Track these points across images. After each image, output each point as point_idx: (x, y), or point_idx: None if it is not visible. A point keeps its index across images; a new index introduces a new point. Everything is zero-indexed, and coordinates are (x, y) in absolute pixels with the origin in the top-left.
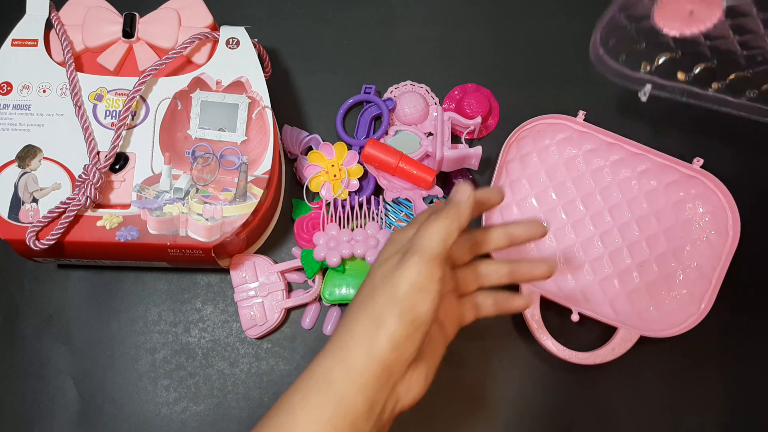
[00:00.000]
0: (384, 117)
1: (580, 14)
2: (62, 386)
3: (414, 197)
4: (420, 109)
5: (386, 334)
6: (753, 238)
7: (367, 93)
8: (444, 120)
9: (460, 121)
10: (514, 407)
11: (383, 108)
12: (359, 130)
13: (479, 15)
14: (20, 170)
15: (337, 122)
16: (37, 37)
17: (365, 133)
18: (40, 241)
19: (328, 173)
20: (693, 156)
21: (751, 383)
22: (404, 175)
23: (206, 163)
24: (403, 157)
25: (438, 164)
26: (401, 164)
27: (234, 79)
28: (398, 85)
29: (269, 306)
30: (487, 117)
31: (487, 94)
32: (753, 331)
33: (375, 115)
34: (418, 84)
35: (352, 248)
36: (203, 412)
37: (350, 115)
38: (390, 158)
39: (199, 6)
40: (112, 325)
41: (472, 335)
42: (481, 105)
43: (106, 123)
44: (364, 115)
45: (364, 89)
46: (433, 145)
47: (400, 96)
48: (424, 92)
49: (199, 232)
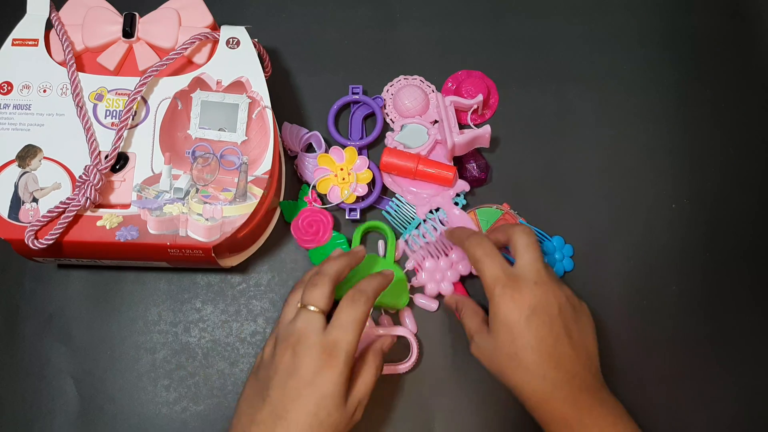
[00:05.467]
0: (377, 115)
1: (579, 13)
2: (62, 386)
3: (443, 202)
4: (420, 100)
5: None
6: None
7: (355, 93)
8: (446, 105)
9: (462, 103)
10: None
11: (374, 106)
12: (352, 131)
13: (479, 15)
14: (20, 170)
15: (329, 126)
16: (38, 37)
17: (359, 134)
18: (39, 240)
19: (336, 177)
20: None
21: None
22: (425, 176)
23: (206, 163)
24: (420, 159)
25: (450, 152)
26: (420, 167)
27: (234, 79)
28: (392, 82)
29: None
30: (487, 98)
31: (480, 76)
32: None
33: (366, 115)
34: (411, 77)
35: (457, 270)
36: (203, 412)
37: (342, 117)
38: (409, 162)
39: (199, 6)
40: (112, 325)
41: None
42: (478, 88)
43: (106, 123)
44: (355, 116)
45: (352, 90)
46: (441, 132)
47: (398, 92)
48: (419, 83)
49: (199, 232)
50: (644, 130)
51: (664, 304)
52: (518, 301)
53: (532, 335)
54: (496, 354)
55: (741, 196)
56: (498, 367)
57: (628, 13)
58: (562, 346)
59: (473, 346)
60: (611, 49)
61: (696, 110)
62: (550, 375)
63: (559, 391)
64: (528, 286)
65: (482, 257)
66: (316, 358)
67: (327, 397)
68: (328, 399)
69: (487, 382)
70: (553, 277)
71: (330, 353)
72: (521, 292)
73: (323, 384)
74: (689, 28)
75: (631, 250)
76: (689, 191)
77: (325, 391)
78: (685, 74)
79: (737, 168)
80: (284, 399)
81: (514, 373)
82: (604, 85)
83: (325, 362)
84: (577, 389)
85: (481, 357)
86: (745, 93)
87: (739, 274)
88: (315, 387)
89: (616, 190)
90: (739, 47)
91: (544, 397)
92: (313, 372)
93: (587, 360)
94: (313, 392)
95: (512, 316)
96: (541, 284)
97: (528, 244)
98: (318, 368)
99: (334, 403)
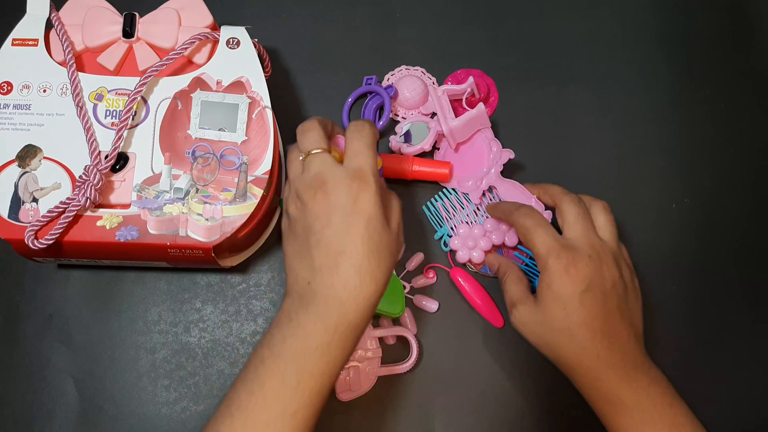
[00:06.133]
0: (386, 105)
1: (579, 13)
2: (62, 386)
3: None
4: (420, 90)
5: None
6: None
7: (369, 84)
8: (439, 95)
9: (455, 89)
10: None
11: (384, 96)
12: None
13: (479, 15)
14: (20, 170)
15: (343, 116)
16: (38, 37)
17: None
18: (38, 240)
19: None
20: None
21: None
22: (422, 176)
23: (206, 163)
24: (414, 159)
25: (450, 138)
26: (415, 167)
27: (234, 79)
28: (393, 72)
29: (364, 372)
30: (487, 96)
31: (479, 74)
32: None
33: (378, 105)
34: (413, 67)
35: (490, 239)
36: (203, 412)
37: (355, 107)
38: (404, 165)
39: (199, 6)
40: (112, 325)
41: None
42: (478, 86)
43: (106, 123)
44: (368, 105)
45: (366, 80)
46: (438, 122)
47: (398, 81)
48: (420, 74)
49: (199, 232)
50: (644, 130)
51: (664, 303)
52: (573, 275)
53: (586, 312)
54: (544, 327)
55: (741, 195)
56: (546, 340)
57: (628, 13)
58: (614, 324)
59: (515, 315)
60: (611, 49)
61: (696, 110)
62: (603, 354)
63: (612, 369)
64: (583, 259)
65: (534, 227)
66: (348, 186)
67: (372, 218)
68: (374, 220)
69: (487, 382)
70: (606, 250)
71: (360, 178)
72: (576, 266)
73: (364, 208)
74: (689, 29)
75: (631, 250)
76: (689, 191)
77: (370, 212)
78: (684, 74)
79: (737, 168)
80: (336, 236)
81: (566, 349)
82: (604, 85)
83: (358, 187)
84: (631, 368)
85: (522, 328)
86: (744, 93)
87: (738, 273)
88: (358, 213)
89: (616, 190)
90: (739, 47)
91: (597, 375)
92: (352, 201)
93: (636, 337)
94: (359, 219)
95: (567, 290)
96: (595, 258)
97: (578, 215)
98: (355, 195)
99: (381, 223)
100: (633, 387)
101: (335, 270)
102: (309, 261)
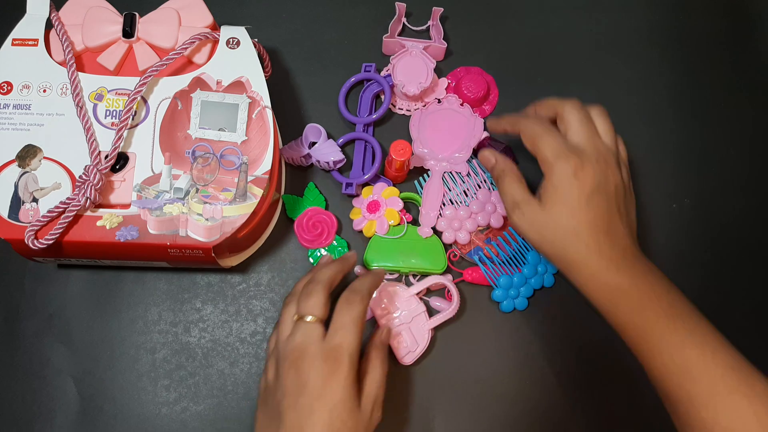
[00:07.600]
0: (386, 93)
1: (579, 13)
2: (62, 386)
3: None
4: (421, 72)
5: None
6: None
7: (368, 71)
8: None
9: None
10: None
11: (384, 84)
12: (361, 109)
13: (479, 15)
14: (20, 170)
15: (339, 102)
16: (38, 37)
17: (367, 111)
18: (38, 240)
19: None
20: None
21: None
22: (406, 170)
23: (206, 163)
24: (409, 162)
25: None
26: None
27: (234, 79)
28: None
29: (417, 331)
30: (487, 93)
31: (479, 71)
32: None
33: (376, 93)
34: (415, 40)
35: (475, 221)
36: (203, 412)
37: (352, 96)
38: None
39: (199, 6)
40: (112, 325)
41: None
42: (478, 84)
43: (106, 123)
44: (365, 94)
45: (364, 67)
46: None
47: (398, 62)
48: (422, 55)
49: (199, 232)
50: (644, 130)
51: None
52: (581, 178)
53: (593, 213)
54: (549, 227)
55: (741, 195)
56: (550, 240)
57: (628, 13)
58: (615, 223)
59: (518, 215)
60: (611, 48)
61: (696, 110)
62: (606, 251)
63: (614, 264)
64: (590, 162)
65: (541, 132)
66: (321, 368)
67: (338, 404)
68: (339, 406)
69: (487, 382)
70: (609, 154)
71: (334, 359)
72: (584, 169)
73: (332, 392)
74: (689, 29)
75: None
76: (689, 191)
77: (336, 399)
78: (684, 74)
79: (737, 168)
80: (299, 419)
81: (570, 247)
82: (604, 84)
83: (330, 370)
84: (630, 260)
85: (526, 227)
86: (745, 93)
87: (739, 273)
88: (325, 398)
89: None
90: (739, 47)
91: (599, 269)
92: (321, 384)
93: (632, 234)
94: (324, 404)
95: (574, 192)
96: (601, 161)
97: (582, 119)
98: (325, 378)
99: (346, 409)
100: (630, 274)
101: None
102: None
